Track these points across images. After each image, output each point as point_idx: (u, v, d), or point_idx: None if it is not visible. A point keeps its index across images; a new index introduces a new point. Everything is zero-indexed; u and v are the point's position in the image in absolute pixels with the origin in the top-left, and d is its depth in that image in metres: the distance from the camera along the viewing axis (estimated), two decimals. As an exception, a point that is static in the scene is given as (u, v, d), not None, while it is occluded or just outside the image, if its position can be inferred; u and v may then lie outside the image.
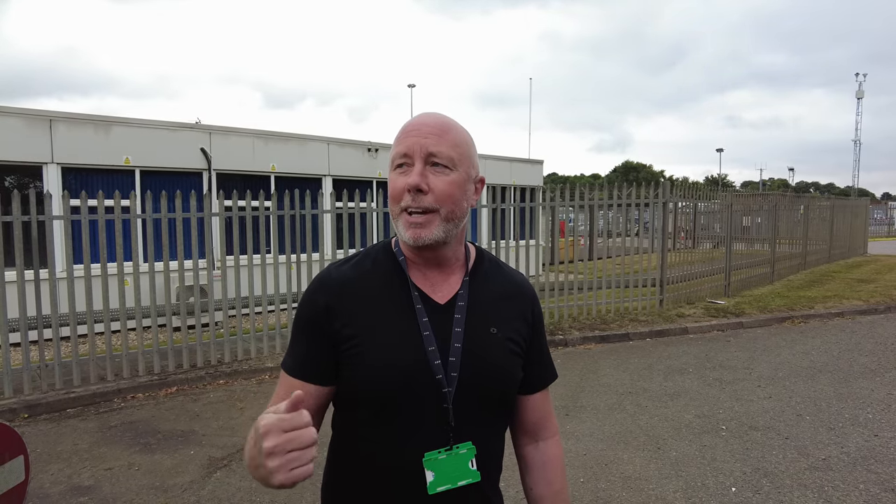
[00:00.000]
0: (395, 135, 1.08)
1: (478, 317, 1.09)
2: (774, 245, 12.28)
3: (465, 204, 1.06)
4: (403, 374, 1.02)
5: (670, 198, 9.03)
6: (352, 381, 1.04)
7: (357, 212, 6.74)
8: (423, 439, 1.03)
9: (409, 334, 1.04)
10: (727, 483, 3.56)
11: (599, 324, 7.92)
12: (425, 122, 1.05)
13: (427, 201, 1.01)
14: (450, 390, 1.03)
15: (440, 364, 1.03)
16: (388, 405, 1.03)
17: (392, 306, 1.06)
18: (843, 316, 8.78)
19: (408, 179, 1.01)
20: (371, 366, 1.02)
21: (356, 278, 1.09)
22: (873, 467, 3.73)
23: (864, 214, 20.50)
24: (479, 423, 1.08)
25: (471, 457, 1.05)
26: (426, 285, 1.09)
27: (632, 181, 9.50)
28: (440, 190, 1.02)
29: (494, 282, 1.16)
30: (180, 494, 3.53)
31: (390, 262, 1.10)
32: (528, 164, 14.63)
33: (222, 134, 9.13)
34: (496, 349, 1.09)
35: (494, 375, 1.09)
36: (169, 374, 5.69)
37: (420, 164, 1.02)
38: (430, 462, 1.02)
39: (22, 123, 7.39)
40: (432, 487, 1.02)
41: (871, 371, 5.90)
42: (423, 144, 1.02)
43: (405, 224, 1.03)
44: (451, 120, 1.08)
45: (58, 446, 4.26)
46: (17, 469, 1.81)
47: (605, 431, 4.40)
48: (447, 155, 1.03)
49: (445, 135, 1.04)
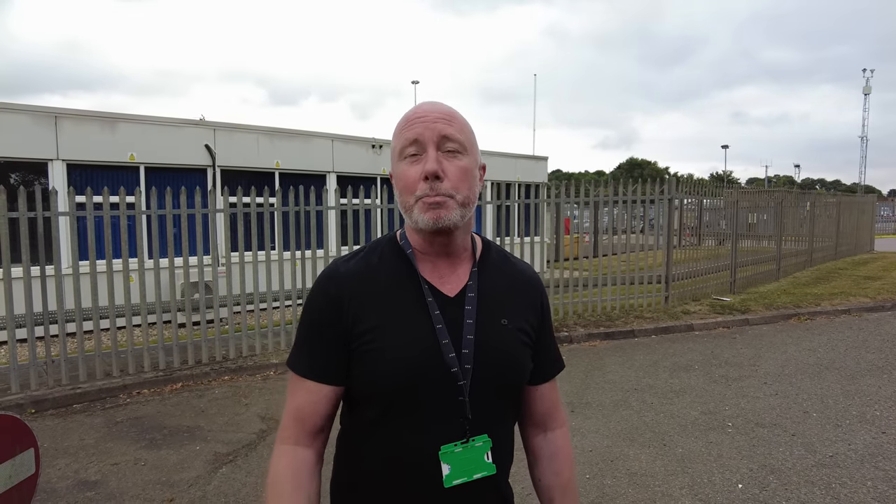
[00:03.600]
0: (396, 127, 1.06)
1: (488, 308, 1.08)
2: (780, 242, 12.22)
3: (476, 189, 1.05)
4: (419, 369, 1.00)
5: (675, 194, 8.99)
6: (366, 378, 1.02)
7: (361, 208, 6.73)
8: (440, 433, 1.02)
9: (422, 328, 1.02)
10: (734, 480, 3.55)
11: (604, 321, 7.90)
12: (431, 109, 1.03)
13: (444, 188, 0.99)
14: (465, 383, 1.02)
15: (454, 357, 1.02)
16: (403, 400, 1.01)
17: (403, 300, 1.04)
18: (850, 313, 8.73)
19: (424, 166, 0.99)
20: (386, 361, 1.00)
21: (365, 273, 1.07)
22: (881, 464, 3.71)
23: (871, 211, 20.39)
24: (493, 416, 1.07)
25: (486, 449, 1.04)
26: (434, 277, 1.07)
27: (637, 178, 9.52)
28: (455, 175, 1.00)
29: (503, 272, 1.15)
30: (186, 490, 3.53)
31: (398, 256, 1.09)
32: (532, 160, 14.59)
33: (227, 130, 9.14)
34: (508, 340, 1.09)
35: (507, 367, 1.08)
36: (174, 371, 5.70)
37: (433, 149, 1.00)
38: (447, 455, 1.01)
39: (27, 120, 7.41)
40: (448, 481, 1.01)
41: (878, 368, 5.86)
42: (435, 129, 1.00)
43: (422, 208, 1.00)
44: (452, 107, 1.06)
45: (64, 441, 4.27)
46: (27, 462, 1.81)
47: (610, 428, 4.39)
48: (459, 139, 1.02)
49: (453, 119, 1.03)
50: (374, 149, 10.84)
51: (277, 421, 4.63)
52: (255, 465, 3.86)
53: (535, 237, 8.88)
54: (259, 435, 4.38)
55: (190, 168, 8.74)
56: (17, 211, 4.96)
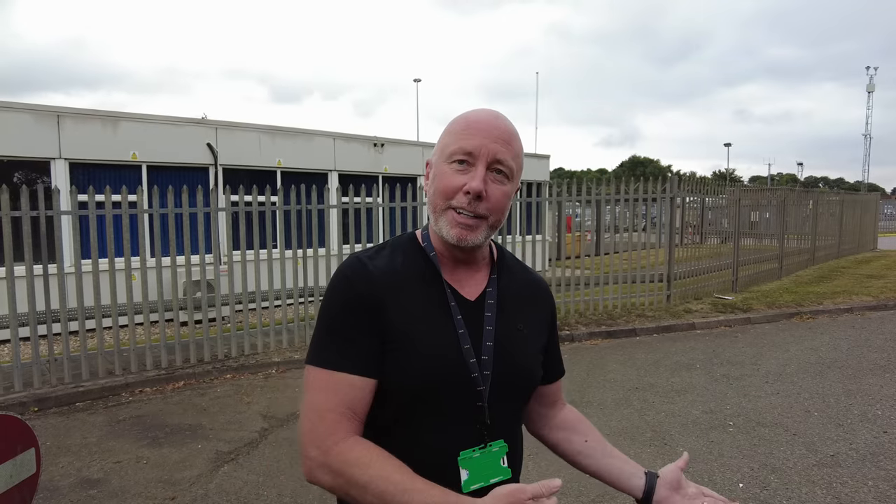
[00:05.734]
0: (453, 124, 1.04)
1: (506, 314, 1.09)
2: (783, 240, 12.20)
3: (507, 213, 1.06)
4: (441, 373, 1.00)
5: (678, 193, 8.98)
6: (391, 378, 1.00)
7: (363, 207, 6.74)
8: (458, 438, 1.01)
9: (446, 331, 1.02)
10: (734, 479, 3.55)
11: (606, 319, 7.90)
12: (495, 124, 1.02)
13: (482, 208, 1.00)
14: (484, 388, 1.02)
15: (475, 362, 1.02)
16: (424, 403, 1.01)
17: (427, 302, 1.03)
18: (853, 312, 8.72)
19: (470, 182, 0.98)
20: (412, 362, 0.99)
21: (393, 273, 1.04)
22: (882, 464, 3.70)
23: (874, 209, 20.34)
24: (509, 421, 1.08)
25: (503, 454, 1.05)
26: (454, 281, 1.07)
27: (639, 176, 9.50)
28: (496, 200, 1.00)
29: (517, 278, 1.16)
30: (188, 488, 3.55)
31: (421, 257, 1.08)
32: (534, 158, 14.58)
33: (228, 129, 9.15)
34: (524, 346, 1.10)
35: (523, 373, 1.09)
36: (176, 369, 5.72)
37: (483, 168, 0.99)
38: (465, 461, 1.01)
39: (30, 119, 7.43)
40: (466, 486, 1.00)
41: (880, 367, 5.85)
42: (492, 150, 0.99)
43: (451, 222, 1.00)
44: (514, 127, 1.05)
45: (67, 440, 4.29)
46: (28, 462, 1.82)
47: (611, 427, 4.39)
48: (510, 165, 1.01)
49: (511, 143, 1.02)
50: (375, 147, 10.84)
51: (279, 419, 4.64)
52: (256, 464, 3.87)
53: (538, 235, 8.87)
54: (261, 433, 4.39)
55: (192, 167, 8.75)
56: (20, 210, 4.97)
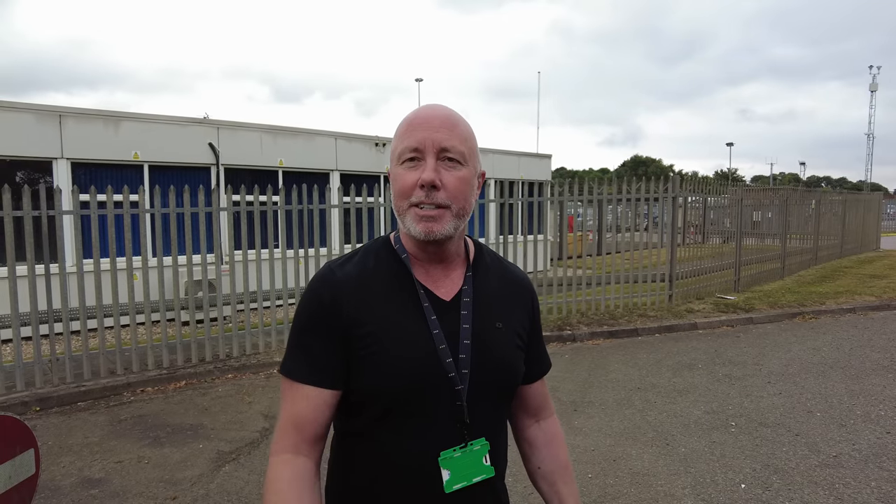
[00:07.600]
0: (398, 128, 1.05)
1: (483, 312, 1.08)
2: (785, 240, 12.17)
3: (472, 199, 1.05)
4: (417, 374, 1.00)
5: (680, 192, 8.96)
6: (365, 383, 1.01)
7: (364, 206, 6.73)
8: (438, 438, 1.01)
9: (419, 333, 1.02)
10: (737, 479, 3.54)
11: (608, 319, 7.88)
12: (434, 114, 1.02)
13: (440, 197, 1.00)
14: (463, 387, 1.02)
15: (451, 362, 1.02)
16: (401, 405, 1.01)
17: (400, 305, 1.04)
18: (855, 312, 8.69)
19: (421, 175, 0.99)
20: (386, 366, 1.00)
21: (361, 277, 1.06)
22: (885, 464, 3.69)
23: (877, 209, 20.26)
24: (489, 419, 1.07)
25: (484, 452, 1.04)
26: (429, 281, 1.07)
27: (641, 176, 9.48)
28: (452, 186, 1.00)
29: (495, 276, 1.15)
30: (189, 488, 3.55)
31: (392, 260, 1.08)
32: (536, 158, 14.57)
33: (230, 129, 9.15)
34: (503, 344, 1.09)
35: (503, 370, 1.09)
36: (178, 369, 5.72)
37: (432, 159, 1.00)
38: (446, 461, 1.01)
39: (32, 119, 7.43)
40: (448, 486, 1.01)
41: (883, 367, 5.83)
42: (436, 139, 1.00)
43: (415, 218, 1.01)
44: (457, 113, 1.06)
45: (69, 439, 4.29)
46: (27, 462, 1.82)
47: (613, 427, 4.38)
48: (459, 150, 1.01)
49: (455, 128, 1.02)
50: (377, 147, 10.84)
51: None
52: (257, 464, 3.87)
53: (539, 235, 8.87)
54: (262, 433, 4.39)
55: (193, 166, 8.75)
56: (22, 210, 4.98)
